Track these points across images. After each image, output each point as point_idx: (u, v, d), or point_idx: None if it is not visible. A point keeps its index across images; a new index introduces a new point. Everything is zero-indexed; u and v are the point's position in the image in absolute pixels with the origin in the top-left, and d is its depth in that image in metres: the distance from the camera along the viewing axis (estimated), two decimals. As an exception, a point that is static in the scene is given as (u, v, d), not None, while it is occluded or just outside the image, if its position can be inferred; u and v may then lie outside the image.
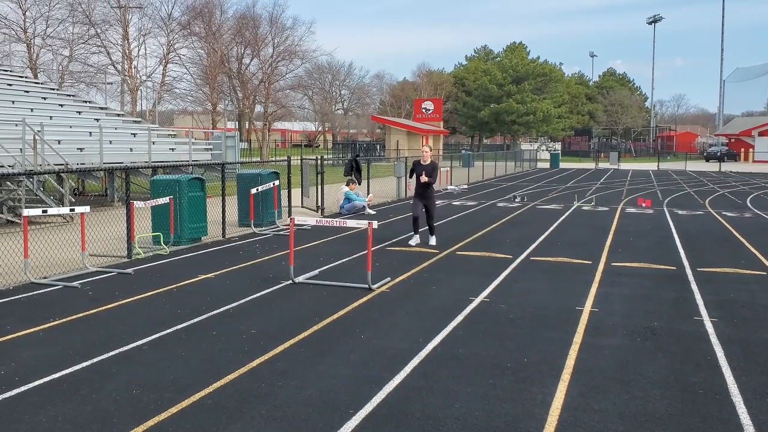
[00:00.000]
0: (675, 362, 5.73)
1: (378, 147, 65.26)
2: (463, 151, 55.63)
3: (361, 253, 10.76)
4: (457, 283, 8.74)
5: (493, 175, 36.80)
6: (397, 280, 8.86)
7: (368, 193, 18.70)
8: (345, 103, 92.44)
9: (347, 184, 17.59)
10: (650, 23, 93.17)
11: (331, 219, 9.58)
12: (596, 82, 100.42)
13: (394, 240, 12.40)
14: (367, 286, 8.26)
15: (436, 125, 62.65)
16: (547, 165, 54.44)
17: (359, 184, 18.21)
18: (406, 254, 10.92)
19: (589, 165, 56.14)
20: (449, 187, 26.22)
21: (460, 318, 7.01)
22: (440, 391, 5.02)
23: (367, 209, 17.16)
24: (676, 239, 12.98)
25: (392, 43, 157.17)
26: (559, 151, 66.52)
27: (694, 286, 8.72)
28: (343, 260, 10.35)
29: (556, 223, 15.21)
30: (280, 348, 5.98)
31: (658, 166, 51.97)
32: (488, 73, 78.37)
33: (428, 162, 11.77)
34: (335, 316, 7.05)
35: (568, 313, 7.29)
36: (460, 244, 12.01)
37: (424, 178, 11.61)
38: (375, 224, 8.36)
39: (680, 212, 18.11)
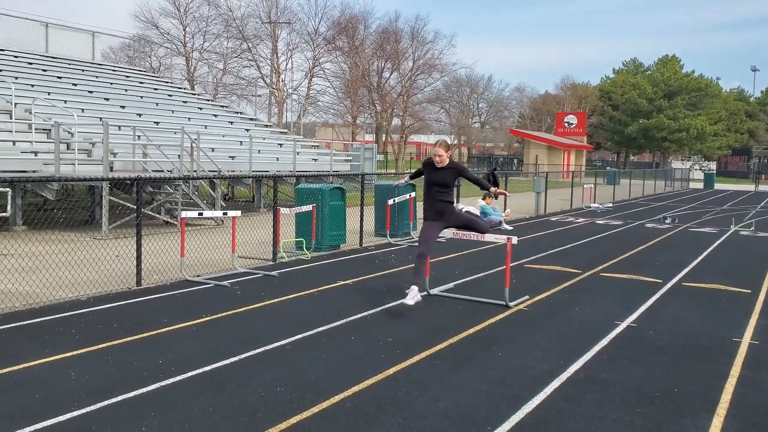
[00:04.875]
0: None
1: (516, 161, 64.30)
2: (607, 168, 53.55)
3: (497, 269, 10.58)
4: (601, 305, 8.36)
5: (641, 194, 35.09)
6: (535, 298, 8.62)
7: (505, 208, 18.41)
8: (482, 116, 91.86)
9: (483, 198, 17.40)
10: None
11: (468, 232, 9.48)
12: (758, 99, 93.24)
13: (533, 257, 12.10)
14: (504, 302, 8.09)
15: (579, 140, 60.83)
16: (700, 185, 51.19)
17: (496, 198, 17.95)
18: (545, 273, 10.61)
19: (748, 187, 52.13)
20: (593, 205, 25.29)
21: (604, 342, 6.69)
22: (583, 415, 4.80)
23: (504, 224, 16.89)
24: None
25: (534, 55, 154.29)
26: (714, 171, 62.36)
27: None
28: (479, 275, 10.22)
29: (710, 248, 14.21)
30: (416, 358, 5.97)
31: (827, 190, 47.33)
32: (637, 87, 75.04)
33: (445, 164, 7.84)
34: (471, 331, 6.95)
35: (724, 343, 6.76)
36: (605, 265, 11.50)
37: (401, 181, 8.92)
38: (515, 240, 8.19)
39: None
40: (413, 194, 14.68)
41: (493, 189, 8.41)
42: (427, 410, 4.81)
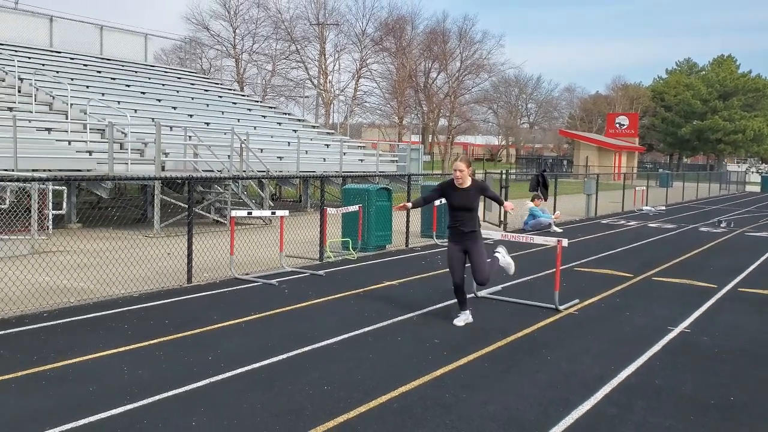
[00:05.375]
0: None
1: (565, 163, 63.40)
2: (660, 170, 52.41)
3: (546, 272, 10.43)
4: (654, 310, 8.16)
5: (695, 197, 34.21)
6: (586, 302, 8.46)
7: (555, 210, 18.15)
8: (531, 116, 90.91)
9: (532, 200, 17.20)
10: None
11: (516, 234, 9.38)
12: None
13: (583, 260, 11.89)
14: (553, 306, 7.97)
15: (631, 141, 59.72)
16: (757, 189, 49.55)
17: (545, 200, 17.72)
18: (595, 276, 10.42)
19: (806, 190, 50.29)
20: (644, 208, 24.76)
21: (656, 347, 6.52)
22: (634, 422, 4.68)
23: (553, 227, 16.65)
24: None
25: (585, 55, 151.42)
26: (771, 174, 60.34)
27: None
28: (528, 278, 10.08)
29: None
30: (464, 360, 5.92)
31: None
32: (691, 88, 73.20)
33: (467, 185, 7.16)
34: (520, 334, 6.86)
35: (785, 352, 6.51)
36: (657, 269, 11.23)
37: (397, 207, 7.94)
38: (565, 242, 8.05)
39: None
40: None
41: (505, 205, 7.86)
42: (474, 413, 4.76)
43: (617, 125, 61.00)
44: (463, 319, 7.21)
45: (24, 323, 6.68)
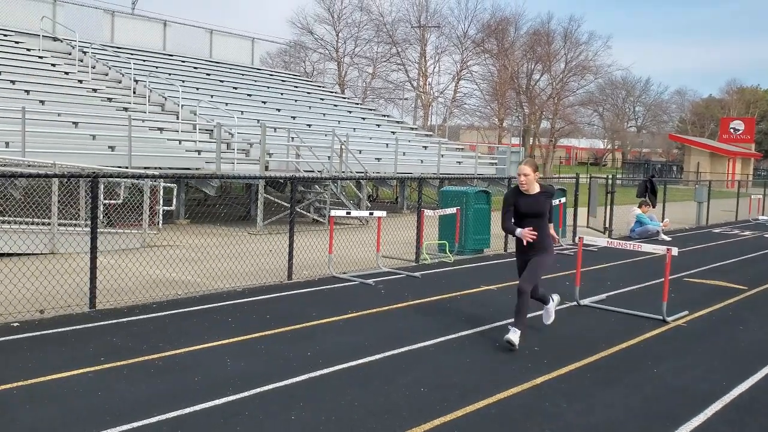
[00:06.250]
0: None
1: (675, 168, 60.67)
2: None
3: (653, 282, 9.97)
4: (771, 324, 7.64)
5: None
6: (695, 314, 8.02)
7: (663, 218, 17.36)
8: (639, 120, 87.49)
9: (639, 206, 16.51)
10: None
11: (623, 242, 9.02)
12: None
13: (693, 271, 11.31)
14: (661, 317, 7.60)
15: (746, 147, 56.47)
16: None
17: (653, 207, 16.97)
18: (706, 287, 9.87)
19: None
20: (761, 217, 23.31)
21: (774, 365, 6.09)
22: (750, 444, 4.39)
23: (662, 235, 15.91)
24: None
25: (698, 56, 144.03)
26: None
27: None
28: (633, 287, 9.68)
29: None
30: (565, 369, 5.74)
31: None
32: (814, 90, 68.39)
33: (535, 192, 6.49)
34: (624, 345, 6.59)
35: None
36: (774, 281, 10.53)
37: (527, 234, 6.31)
38: (675, 251, 7.66)
39: None
40: (563, 200, 14.21)
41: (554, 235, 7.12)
42: (575, 422, 4.60)
43: (731, 130, 57.88)
44: (552, 306, 7.06)
45: (135, 313, 7.03)
